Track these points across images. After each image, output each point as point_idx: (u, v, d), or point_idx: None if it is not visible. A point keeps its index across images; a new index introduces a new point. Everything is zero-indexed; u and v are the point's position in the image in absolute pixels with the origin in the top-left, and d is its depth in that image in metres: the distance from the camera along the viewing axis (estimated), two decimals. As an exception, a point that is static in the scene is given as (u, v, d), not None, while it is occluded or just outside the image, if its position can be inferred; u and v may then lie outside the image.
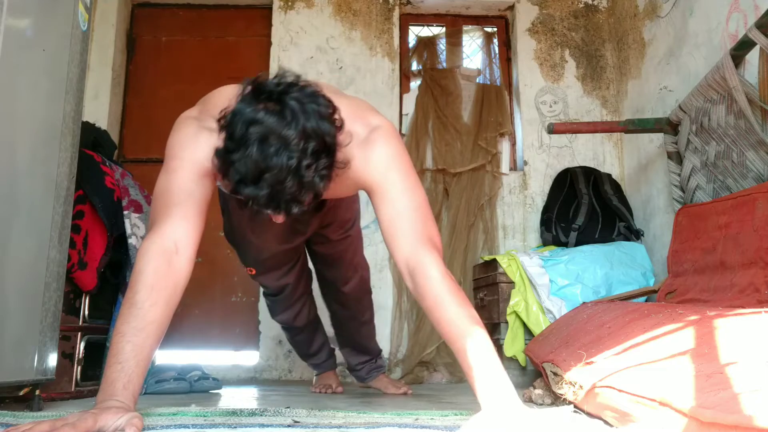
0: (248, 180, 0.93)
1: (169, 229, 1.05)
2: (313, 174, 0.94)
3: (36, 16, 1.32)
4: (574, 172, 2.92)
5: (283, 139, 0.92)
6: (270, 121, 0.93)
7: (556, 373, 1.34)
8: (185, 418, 1.01)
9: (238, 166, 0.93)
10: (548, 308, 2.37)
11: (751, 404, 0.67)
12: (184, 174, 1.10)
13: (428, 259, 1.06)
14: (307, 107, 0.96)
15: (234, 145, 0.94)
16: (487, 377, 0.94)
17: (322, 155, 0.96)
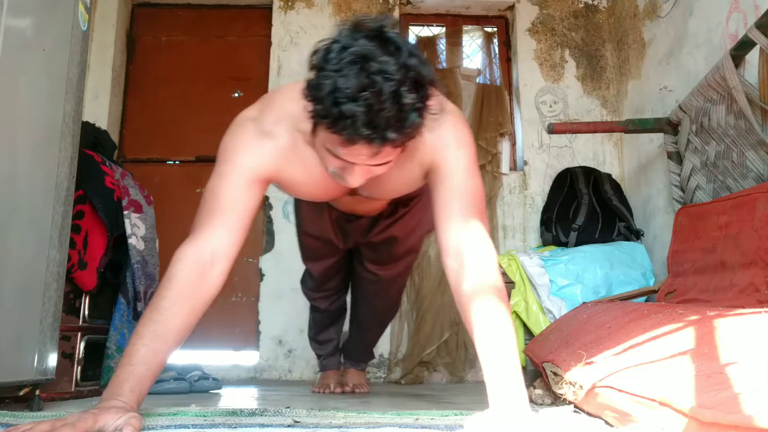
0: (346, 95, 0.87)
1: (208, 239, 1.03)
2: (411, 102, 0.90)
3: (36, 16, 1.32)
4: (574, 172, 2.92)
5: (384, 63, 0.88)
6: (371, 46, 0.90)
7: (556, 373, 1.34)
8: (185, 418, 1.01)
9: (335, 81, 0.88)
10: (548, 308, 2.37)
11: (751, 404, 0.67)
12: (233, 180, 1.08)
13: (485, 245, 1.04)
14: (408, 45, 0.94)
15: (330, 66, 0.90)
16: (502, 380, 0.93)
17: (420, 89, 0.92)
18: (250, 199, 1.10)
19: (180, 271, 1.00)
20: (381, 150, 0.93)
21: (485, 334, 0.97)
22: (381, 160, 0.99)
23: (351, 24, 0.95)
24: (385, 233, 1.73)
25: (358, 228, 1.73)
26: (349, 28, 0.94)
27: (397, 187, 1.29)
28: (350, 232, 1.75)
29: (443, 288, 2.75)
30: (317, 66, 0.94)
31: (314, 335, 2.18)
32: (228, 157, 1.11)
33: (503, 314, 0.98)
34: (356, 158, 0.97)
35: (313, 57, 0.95)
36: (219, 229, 1.04)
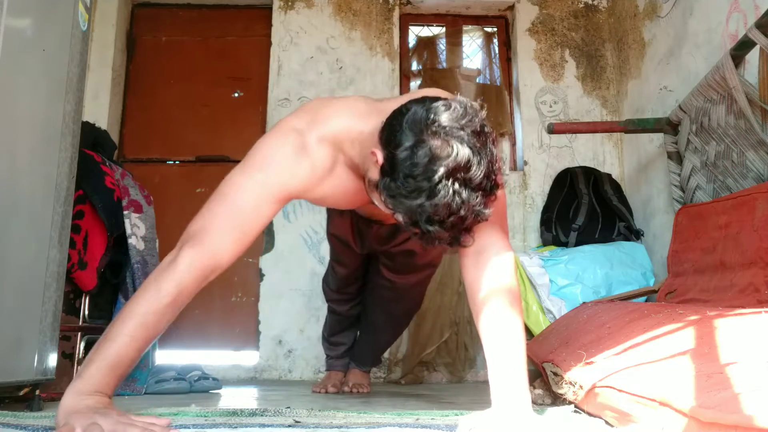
0: (436, 219, 0.88)
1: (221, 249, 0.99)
2: (488, 213, 0.91)
3: (36, 16, 1.32)
4: (574, 172, 2.92)
5: (475, 175, 0.88)
6: (466, 149, 0.88)
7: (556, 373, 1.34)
8: (186, 418, 1.01)
9: (423, 202, 0.88)
10: (548, 308, 2.37)
11: (752, 404, 0.67)
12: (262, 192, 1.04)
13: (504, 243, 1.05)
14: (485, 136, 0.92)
15: (414, 169, 0.88)
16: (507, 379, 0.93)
17: (495, 184, 0.92)
18: (270, 214, 1.07)
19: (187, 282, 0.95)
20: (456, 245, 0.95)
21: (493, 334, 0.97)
22: None
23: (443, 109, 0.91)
24: (404, 246, 1.73)
25: (376, 235, 1.74)
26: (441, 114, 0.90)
27: None
28: (368, 237, 1.76)
29: (443, 288, 2.75)
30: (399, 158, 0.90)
31: (328, 336, 2.19)
32: (264, 166, 1.06)
33: (514, 316, 0.98)
34: None
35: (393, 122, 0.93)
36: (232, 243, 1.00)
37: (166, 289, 0.94)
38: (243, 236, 1.02)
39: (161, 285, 0.94)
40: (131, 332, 0.90)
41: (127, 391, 1.86)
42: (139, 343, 0.91)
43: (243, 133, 3.06)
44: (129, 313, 0.92)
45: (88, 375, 0.87)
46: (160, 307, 0.93)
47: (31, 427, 0.91)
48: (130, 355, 0.90)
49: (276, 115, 3.01)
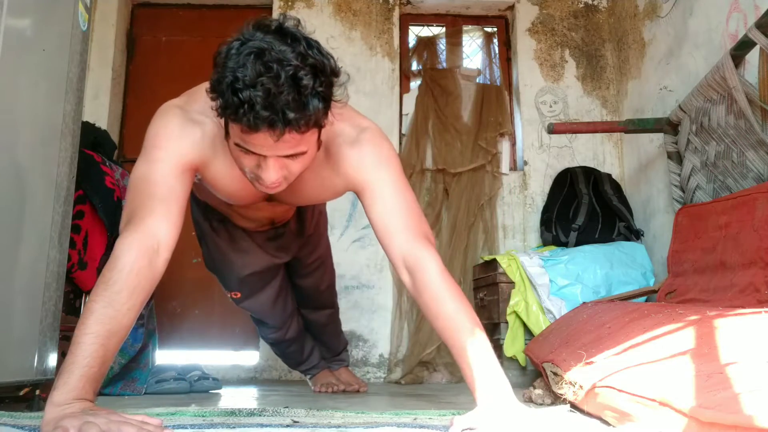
0: (244, 83, 0.89)
1: (152, 226, 1.00)
2: (311, 84, 0.92)
3: (36, 16, 1.32)
4: (574, 172, 2.92)
5: (281, 52, 0.91)
6: (268, 39, 0.92)
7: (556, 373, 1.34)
8: (184, 418, 1.01)
9: (234, 72, 0.90)
10: (548, 308, 2.37)
11: (752, 404, 0.67)
12: (166, 166, 1.06)
13: (426, 253, 1.06)
14: (309, 38, 0.96)
15: (230, 61, 0.92)
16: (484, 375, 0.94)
17: (320, 75, 0.94)
18: (184, 186, 1.08)
19: (132, 262, 0.95)
20: (285, 133, 0.93)
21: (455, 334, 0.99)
22: (290, 150, 0.98)
23: (252, 24, 0.97)
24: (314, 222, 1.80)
25: (290, 234, 1.76)
26: (250, 27, 0.96)
27: (315, 193, 1.29)
28: (286, 243, 1.77)
29: (443, 288, 2.74)
30: (218, 63, 0.95)
31: (297, 361, 2.16)
32: (159, 143, 1.09)
33: (467, 313, 1.00)
34: (264, 147, 0.97)
35: (216, 57, 0.96)
36: (161, 218, 1.01)
37: (113, 278, 0.93)
38: (170, 210, 1.03)
39: (107, 276, 0.94)
40: (92, 330, 0.88)
41: (127, 391, 1.86)
42: (103, 339, 0.88)
43: (243, 133, 3.05)
44: (86, 312, 0.91)
45: (61, 384, 0.85)
46: (112, 297, 0.91)
47: (28, 426, 0.91)
48: (99, 354, 0.88)
49: (276, 115, 3.01)
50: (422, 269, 1.04)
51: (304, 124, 0.94)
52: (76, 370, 0.86)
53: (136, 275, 0.95)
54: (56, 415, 0.81)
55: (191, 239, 2.99)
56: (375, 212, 1.13)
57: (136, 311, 0.95)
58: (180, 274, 2.87)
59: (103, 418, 0.80)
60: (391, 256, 1.10)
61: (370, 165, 1.14)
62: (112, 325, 0.90)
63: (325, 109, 0.97)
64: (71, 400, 0.84)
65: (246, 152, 0.99)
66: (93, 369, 0.87)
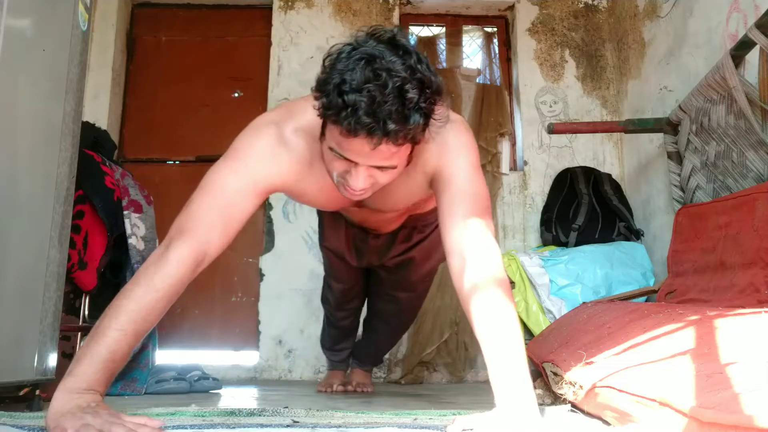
0: (351, 87, 0.90)
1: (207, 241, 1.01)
2: (415, 98, 0.92)
3: (36, 16, 1.32)
4: (574, 172, 2.92)
5: (391, 62, 0.91)
6: (380, 48, 0.93)
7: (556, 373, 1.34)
8: (183, 418, 1.00)
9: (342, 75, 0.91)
10: (548, 308, 2.37)
11: (752, 404, 0.67)
12: (243, 185, 1.06)
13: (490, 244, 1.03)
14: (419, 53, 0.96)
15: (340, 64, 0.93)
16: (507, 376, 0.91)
17: (426, 90, 0.94)
18: (252, 207, 1.09)
19: (180, 275, 0.96)
20: (381, 143, 0.93)
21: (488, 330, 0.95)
22: (382, 161, 0.98)
23: (366, 31, 0.97)
24: (402, 257, 1.73)
25: (374, 248, 1.73)
26: (364, 34, 0.97)
27: (402, 196, 1.27)
28: (365, 251, 1.74)
29: (443, 288, 2.75)
30: (328, 65, 0.96)
31: (330, 346, 2.18)
32: (244, 157, 1.09)
33: (507, 309, 0.96)
34: (358, 154, 0.96)
35: (325, 59, 0.97)
36: (218, 234, 1.02)
37: (158, 284, 0.94)
38: (228, 228, 1.04)
39: (153, 279, 0.94)
40: (123, 327, 0.89)
41: (127, 391, 1.86)
42: (130, 338, 0.90)
43: (243, 133, 3.05)
44: (120, 307, 0.91)
45: (78, 372, 0.86)
46: (151, 301, 0.93)
47: (28, 426, 0.91)
48: (122, 351, 0.89)
49: (276, 115, 3.01)
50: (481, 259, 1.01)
51: (402, 137, 0.94)
52: (96, 362, 0.87)
53: (179, 288, 0.97)
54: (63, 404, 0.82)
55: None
56: (445, 195, 1.10)
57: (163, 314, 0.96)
58: (180, 274, 2.87)
59: (102, 418, 0.80)
60: (447, 240, 1.07)
61: (451, 150, 1.13)
62: (140, 327, 0.92)
63: (425, 125, 0.97)
64: (83, 390, 0.85)
65: (338, 157, 1.00)
66: (113, 364, 0.88)
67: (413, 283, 1.86)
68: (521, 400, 0.88)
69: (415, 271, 1.80)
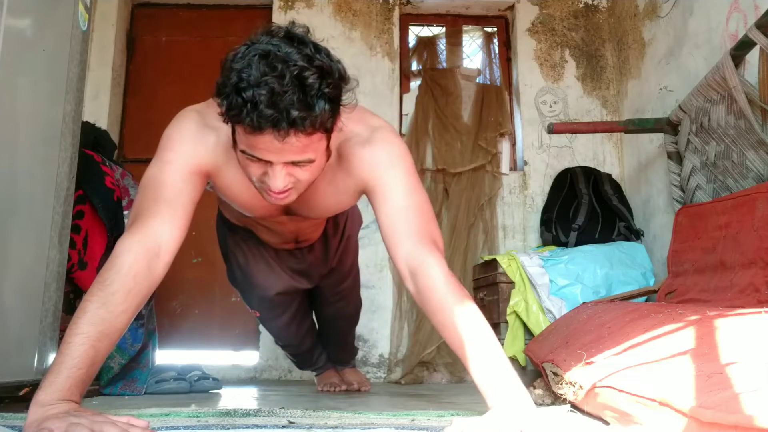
0: (248, 83, 0.89)
1: (155, 228, 0.99)
2: (316, 85, 0.91)
3: (36, 16, 1.32)
4: (574, 172, 2.92)
5: (287, 54, 0.91)
6: (274, 41, 0.92)
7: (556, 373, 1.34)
8: (177, 419, 0.99)
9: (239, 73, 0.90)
10: (548, 308, 2.37)
11: (752, 404, 0.67)
12: (177, 169, 1.06)
13: (431, 259, 1.01)
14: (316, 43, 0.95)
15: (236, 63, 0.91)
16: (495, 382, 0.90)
17: (327, 77, 0.93)
18: (193, 190, 1.08)
19: (128, 265, 0.93)
20: (290, 135, 0.91)
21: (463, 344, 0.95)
22: (296, 155, 0.96)
23: (260, 30, 0.96)
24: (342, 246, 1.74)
25: (315, 260, 1.72)
26: (260, 33, 0.96)
27: (331, 203, 1.27)
28: (309, 269, 1.74)
29: (443, 288, 2.75)
30: (224, 67, 0.94)
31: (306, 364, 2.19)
32: (172, 146, 1.10)
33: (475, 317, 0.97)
34: (270, 151, 0.95)
35: (223, 63, 0.95)
36: (166, 221, 1.01)
37: (109, 279, 0.91)
38: (176, 215, 1.03)
39: (104, 276, 0.92)
40: (84, 331, 0.86)
41: (127, 391, 1.86)
42: (94, 341, 0.86)
43: (243, 133, 3.06)
44: (79, 312, 0.89)
45: (48, 384, 0.83)
46: (107, 298, 0.90)
47: (19, 427, 0.89)
48: (89, 356, 0.86)
49: (276, 115, 3.01)
50: (426, 275, 1.00)
51: (310, 125, 0.92)
52: (64, 370, 0.84)
53: (133, 278, 0.93)
54: (40, 416, 0.79)
55: (192, 239, 2.99)
56: (383, 213, 1.10)
57: (131, 314, 0.93)
58: (180, 274, 2.87)
59: (87, 419, 0.78)
60: (396, 259, 1.07)
61: (382, 164, 1.11)
62: (104, 327, 0.88)
63: (332, 112, 0.95)
64: (56, 401, 0.81)
65: (252, 159, 0.98)
66: (81, 371, 0.85)
67: (350, 267, 1.87)
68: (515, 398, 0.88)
69: (351, 253, 1.81)
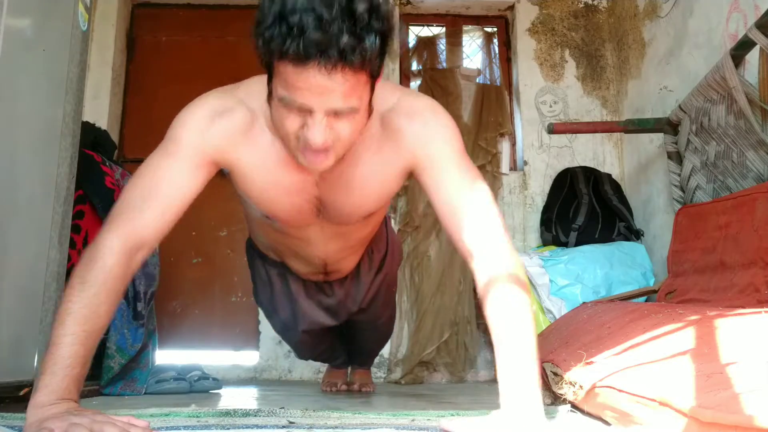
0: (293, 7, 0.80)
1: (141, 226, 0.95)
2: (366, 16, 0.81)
3: (36, 16, 1.32)
4: (574, 172, 2.92)
5: None
6: None
7: (556, 373, 1.34)
8: (177, 419, 0.99)
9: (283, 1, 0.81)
10: (548, 308, 2.37)
11: (752, 404, 0.67)
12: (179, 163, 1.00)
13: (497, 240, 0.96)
14: None
15: None
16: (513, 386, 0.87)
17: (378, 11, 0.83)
18: (194, 185, 1.01)
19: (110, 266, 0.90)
20: (338, 68, 0.82)
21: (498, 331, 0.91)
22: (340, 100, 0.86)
23: None
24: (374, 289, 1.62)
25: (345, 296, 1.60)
26: None
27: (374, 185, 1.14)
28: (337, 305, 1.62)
29: (443, 288, 2.75)
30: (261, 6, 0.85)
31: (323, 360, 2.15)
32: (176, 135, 1.02)
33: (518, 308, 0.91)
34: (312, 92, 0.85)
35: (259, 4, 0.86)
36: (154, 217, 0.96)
37: (92, 278, 0.89)
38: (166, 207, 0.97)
39: (85, 276, 0.89)
40: (72, 331, 0.85)
41: (127, 391, 1.86)
42: (83, 340, 0.85)
43: (243, 133, 3.05)
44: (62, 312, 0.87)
45: (44, 386, 0.82)
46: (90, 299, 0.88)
47: (18, 427, 0.90)
48: (80, 354, 0.85)
49: (276, 115, 3.01)
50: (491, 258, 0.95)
51: (360, 60, 0.82)
52: (59, 371, 0.83)
53: (114, 278, 0.91)
54: (39, 416, 0.79)
55: (192, 239, 2.99)
56: (438, 194, 1.01)
57: (113, 310, 0.91)
58: (180, 274, 2.87)
59: (88, 418, 0.78)
60: (456, 244, 1.00)
61: (435, 139, 1.02)
62: (89, 326, 0.87)
63: (381, 51, 0.86)
64: (55, 401, 0.81)
65: (290, 109, 0.88)
66: (75, 370, 0.84)
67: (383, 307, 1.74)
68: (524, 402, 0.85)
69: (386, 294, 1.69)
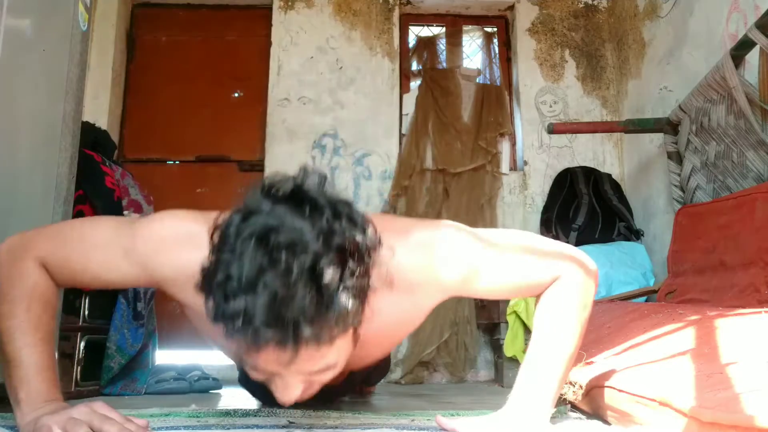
0: (238, 286, 0.64)
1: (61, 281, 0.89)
2: (336, 279, 0.66)
3: (36, 16, 1.32)
4: (574, 172, 2.92)
5: (295, 232, 0.66)
6: (278, 211, 0.67)
7: (555, 373, 1.34)
8: (177, 419, 1.00)
9: (227, 264, 0.66)
10: (548, 308, 2.37)
11: (752, 404, 0.67)
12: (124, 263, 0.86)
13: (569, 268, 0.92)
14: (337, 202, 0.71)
15: (226, 247, 0.67)
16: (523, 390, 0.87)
17: (351, 261, 0.68)
18: (129, 282, 0.90)
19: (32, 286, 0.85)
20: (299, 351, 0.66)
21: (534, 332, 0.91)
22: (311, 366, 0.72)
23: (260, 186, 0.71)
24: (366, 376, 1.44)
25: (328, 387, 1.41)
26: (258, 191, 0.71)
27: (391, 339, 1.03)
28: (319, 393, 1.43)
29: (443, 288, 2.74)
30: (214, 247, 0.70)
31: None
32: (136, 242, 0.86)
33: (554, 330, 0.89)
34: (276, 365, 0.70)
35: (213, 233, 0.71)
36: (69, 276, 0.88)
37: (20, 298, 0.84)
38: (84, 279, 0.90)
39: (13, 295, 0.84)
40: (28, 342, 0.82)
41: (127, 391, 1.86)
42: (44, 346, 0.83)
43: (243, 133, 3.06)
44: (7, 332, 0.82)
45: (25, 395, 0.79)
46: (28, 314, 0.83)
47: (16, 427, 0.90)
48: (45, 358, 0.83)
49: (276, 115, 3.01)
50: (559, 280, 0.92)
51: (328, 338, 0.68)
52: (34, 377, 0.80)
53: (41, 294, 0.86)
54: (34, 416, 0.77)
55: (191, 239, 2.99)
56: (494, 296, 0.97)
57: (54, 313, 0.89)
58: (180, 274, 2.87)
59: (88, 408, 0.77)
60: None
61: (461, 277, 0.88)
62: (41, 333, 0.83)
63: (358, 306, 0.70)
64: (42, 403, 0.79)
65: (252, 368, 0.73)
66: (49, 372, 0.82)
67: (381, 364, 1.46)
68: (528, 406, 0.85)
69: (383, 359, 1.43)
